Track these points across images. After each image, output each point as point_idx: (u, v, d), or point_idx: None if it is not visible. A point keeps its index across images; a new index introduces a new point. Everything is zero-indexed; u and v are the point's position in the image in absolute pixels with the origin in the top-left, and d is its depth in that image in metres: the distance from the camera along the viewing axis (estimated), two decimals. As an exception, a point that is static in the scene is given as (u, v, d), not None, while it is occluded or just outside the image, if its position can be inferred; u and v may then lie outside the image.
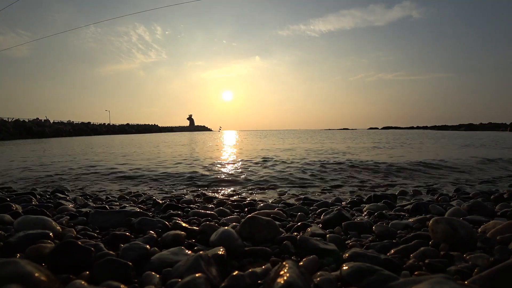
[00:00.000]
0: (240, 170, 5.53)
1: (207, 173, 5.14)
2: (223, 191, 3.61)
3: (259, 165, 6.20)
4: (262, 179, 4.48)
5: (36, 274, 0.78)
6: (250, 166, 6.07)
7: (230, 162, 6.95)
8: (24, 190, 3.47)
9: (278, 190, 3.71)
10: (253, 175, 4.88)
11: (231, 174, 5.04)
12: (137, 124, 69.52)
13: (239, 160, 7.25)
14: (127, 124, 65.88)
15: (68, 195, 3.07)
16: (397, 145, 11.96)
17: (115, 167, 5.92)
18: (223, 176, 4.76)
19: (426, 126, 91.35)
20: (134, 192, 3.40)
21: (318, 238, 1.34)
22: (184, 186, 4.05)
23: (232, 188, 3.84)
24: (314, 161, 6.60)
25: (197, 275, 0.85)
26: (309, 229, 1.54)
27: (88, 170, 5.64)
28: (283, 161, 6.67)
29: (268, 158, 7.37)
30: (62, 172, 5.43)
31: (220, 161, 7.02)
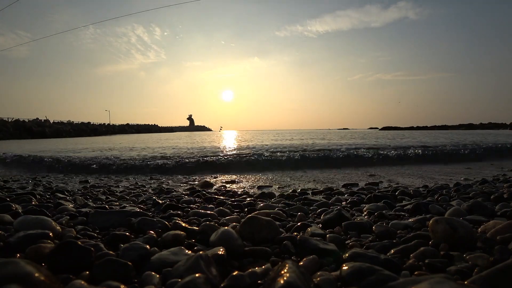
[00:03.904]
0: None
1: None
2: (223, 191, 3.61)
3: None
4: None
5: (36, 274, 0.78)
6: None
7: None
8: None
9: (278, 189, 3.71)
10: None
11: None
12: (137, 124, 69.57)
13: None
14: (127, 124, 65.91)
15: (68, 195, 3.07)
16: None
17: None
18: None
19: (426, 126, 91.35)
20: (133, 192, 3.40)
21: (318, 238, 1.34)
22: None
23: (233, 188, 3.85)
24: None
25: (197, 275, 0.85)
26: (309, 229, 1.54)
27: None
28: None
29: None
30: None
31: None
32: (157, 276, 0.96)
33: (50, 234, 1.31)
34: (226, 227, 1.37)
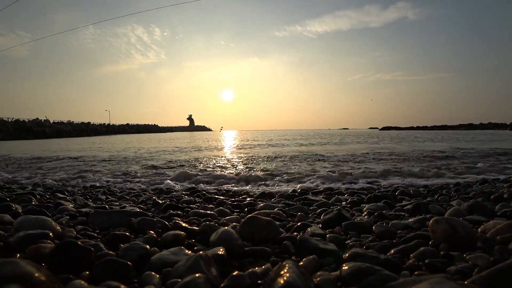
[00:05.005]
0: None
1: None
2: (223, 190, 3.61)
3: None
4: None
5: (36, 274, 0.78)
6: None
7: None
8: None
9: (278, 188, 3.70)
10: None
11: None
12: (137, 124, 69.59)
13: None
14: (127, 124, 65.95)
15: (68, 195, 3.07)
16: None
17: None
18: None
19: (426, 126, 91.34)
20: (134, 192, 3.41)
21: (318, 238, 1.34)
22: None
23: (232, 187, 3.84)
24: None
25: (197, 275, 0.85)
26: (309, 229, 1.54)
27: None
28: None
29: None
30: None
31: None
32: (157, 276, 0.96)
33: (50, 234, 1.31)
34: (226, 227, 1.37)
